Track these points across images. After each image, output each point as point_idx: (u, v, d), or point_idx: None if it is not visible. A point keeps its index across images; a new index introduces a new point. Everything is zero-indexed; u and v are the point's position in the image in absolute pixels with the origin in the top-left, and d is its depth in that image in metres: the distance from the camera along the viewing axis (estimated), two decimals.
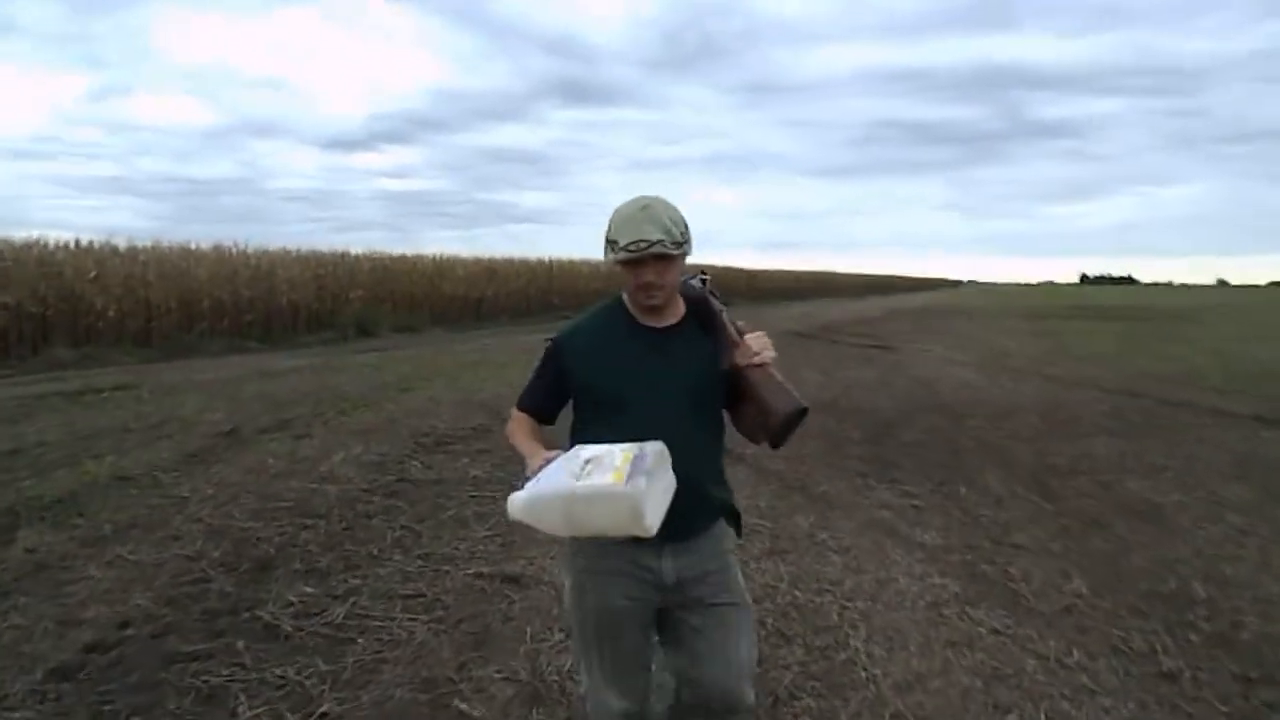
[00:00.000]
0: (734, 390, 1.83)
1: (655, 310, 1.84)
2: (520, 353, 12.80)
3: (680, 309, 1.88)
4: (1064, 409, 8.41)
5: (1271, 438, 7.09)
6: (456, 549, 4.05)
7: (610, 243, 1.75)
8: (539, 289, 24.00)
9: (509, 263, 23.94)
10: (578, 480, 1.50)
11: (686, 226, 1.78)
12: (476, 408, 7.79)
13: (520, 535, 4.22)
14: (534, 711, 2.60)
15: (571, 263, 26.52)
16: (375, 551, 4.00)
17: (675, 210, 1.77)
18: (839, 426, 7.34)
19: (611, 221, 1.76)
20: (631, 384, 1.80)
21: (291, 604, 3.37)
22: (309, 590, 3.52)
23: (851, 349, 14.72)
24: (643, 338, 1.85)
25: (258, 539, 4.15)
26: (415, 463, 5.73)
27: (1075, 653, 3.06)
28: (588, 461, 1.56)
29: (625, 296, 1.89)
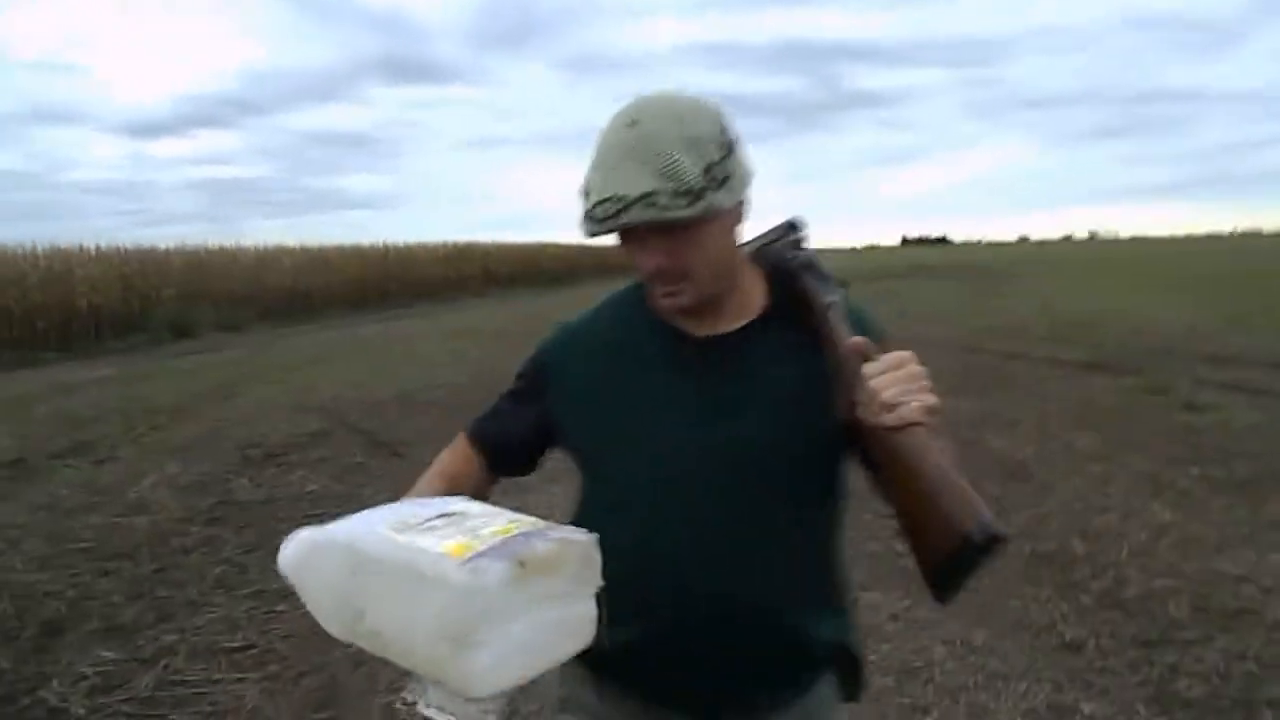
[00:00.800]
0: (864, 452, 0.94)
1: (693, 309, 0.99)
2: (357, 347, 12.00)
3: (753, 298, 1.03)
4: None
5: (1104, 384, 7.45)
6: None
7: (582, 198, 0.94)
8: (375, 277, 22.79)
9: (340, 251, 22.61)
10: (398, 534, 0.79)
11: (725, 149, 0.91)
12: (311, 411, 7.09)
13: None
14: None
15: (409, 248, 25.39)
16: (194, 595, 3.40)
17: (698, 121, 0.91)
18: None
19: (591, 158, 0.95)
20: (650, 442, 0.99)
21: (85, 677, 2.76)
22: (109, 656, 2.91)
23: None
24: (678, 354, 1.02)
25: (44, 594, 3.46)
26: (242, 480, 5.07)
27: (979, 634, 2.91)
28: (448, 516, 0.84)
29: None
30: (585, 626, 0.79)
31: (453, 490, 1.05)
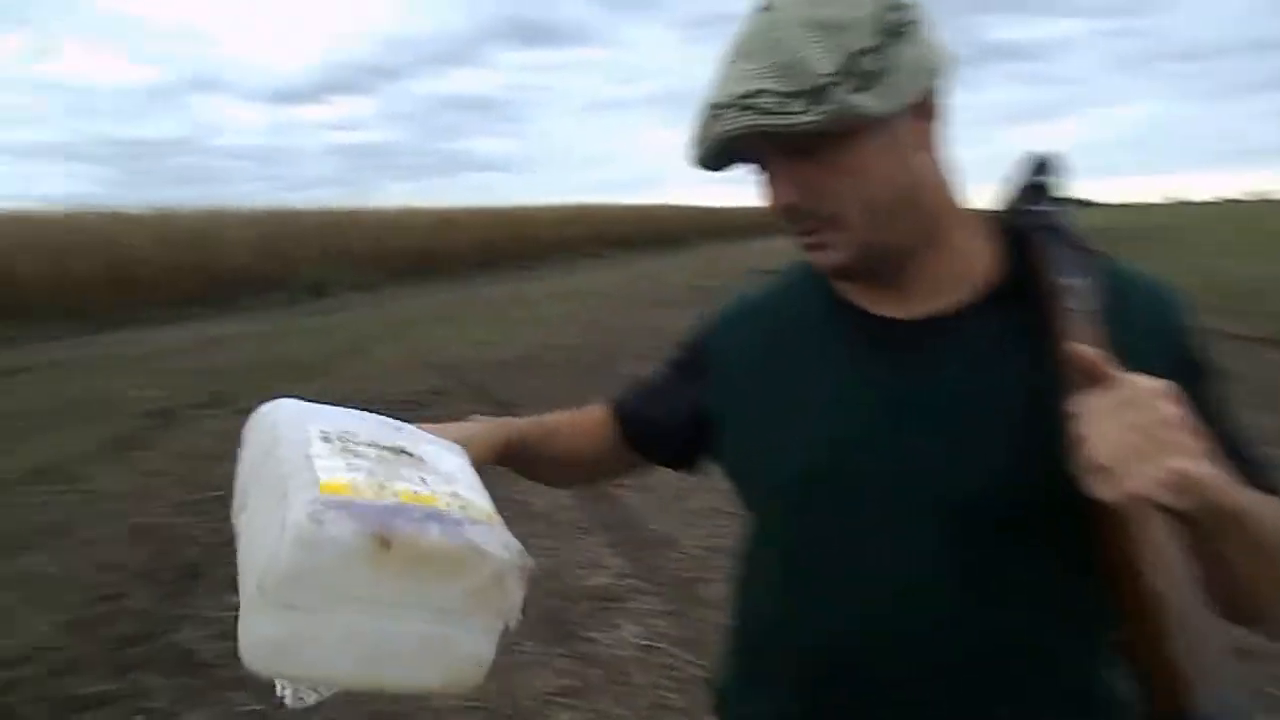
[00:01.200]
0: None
1: (855, 269, 0.71)
2: (478, 307, 12.22)
3: (974, 268, 0.73)
4: None
5: None
6: None
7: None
8: (500, 239, 23.23)
9: (467, 213, 23.15)
10: (323, 441, 0.63)
11: (886, 33, 0.65)
12: (432, 369, 7.24)
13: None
14: None
15: (530, 210, 25.76)
16: None
17: None
18: None
19: None
20: (826, 468, 0.72)
21: (217, 622, 2.86)
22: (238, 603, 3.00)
23: None
24: (857, 343, 0.74)
25: (184, 538, 3.63)
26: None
27: None
28: (402, 453, 0.67)
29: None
30: (463, 665, 0.59)
31: (562, 438, 0.93)
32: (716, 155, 0.70)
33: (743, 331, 0.84)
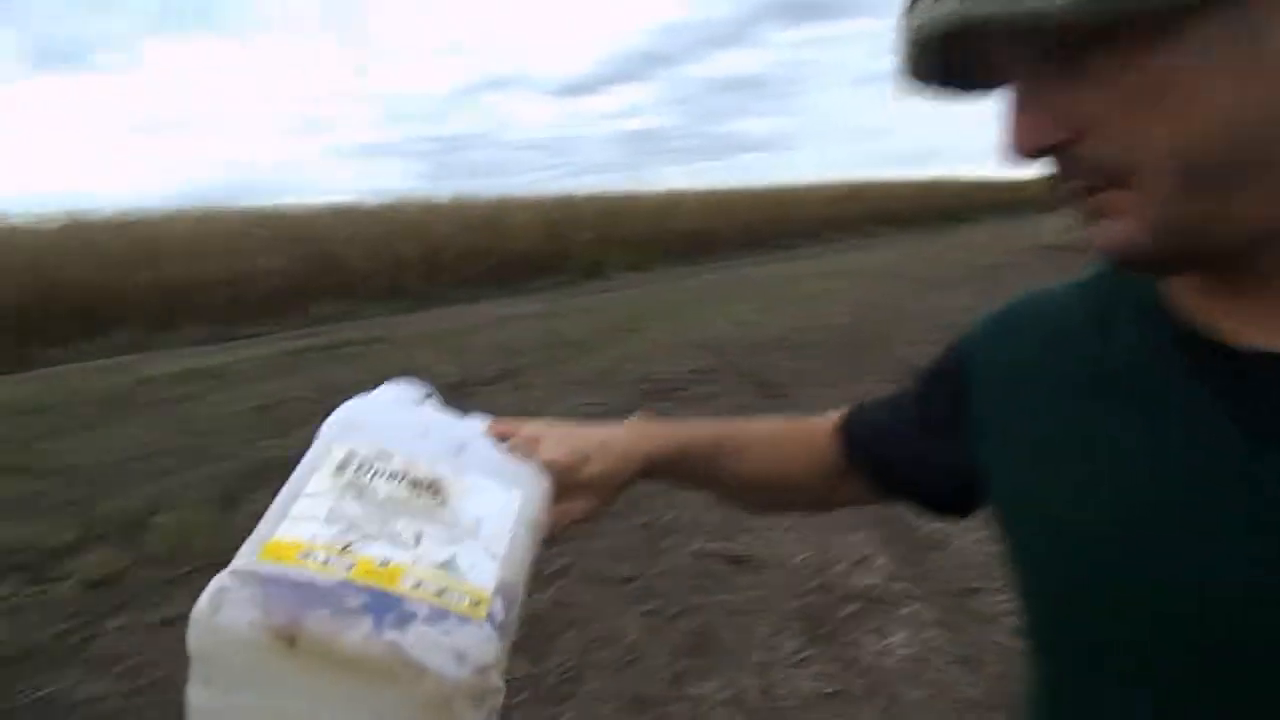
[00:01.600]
0: None
1: (1163, 260, 0.45)
2: (748, 287, 12.20)
3: None
4: None
5: None
6: (676, 519, 3.59)
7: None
8: (770, 220, 23.11)
9: (737, 194, 23.26)
10: (330, 475, 0.57)
11: None
12: (702, 349, 7.32)
13: None
14: None
15: (800, 189, 25.36)
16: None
17: None
18: None
19: None
20: (1145, 542, 0.48)
21: None
22: None
23: None
24: (1200, 385, 0.47)
25: None
26: (637, 414, 5.35)
27: None
28: (430, 490, 0.59)
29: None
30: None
31: (757, 454, 0.77)
32: (931, 64, 0.47)
33: (1020, 354, 0.59)
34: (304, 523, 0.52)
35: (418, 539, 0.54)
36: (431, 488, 0.58)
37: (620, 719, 2.22)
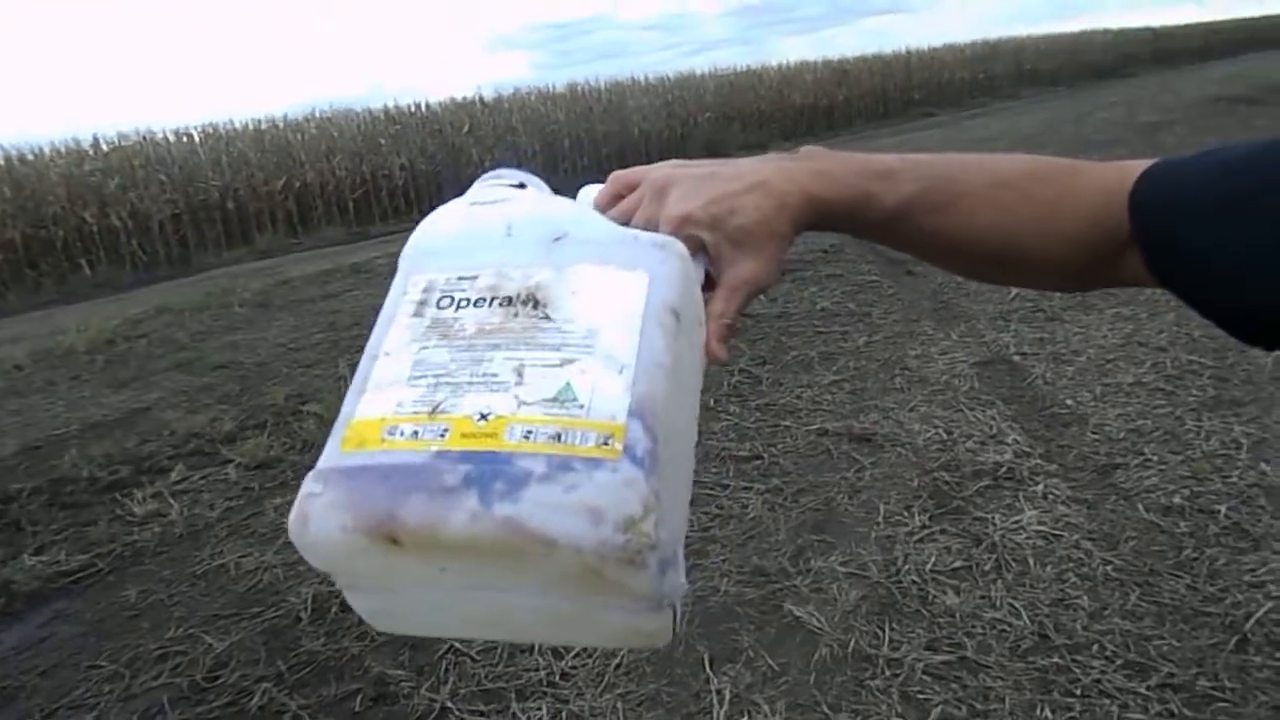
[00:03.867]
0: None
1: None
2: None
3: None
4: None
5: None
6: (799, 398, 3.55)
7: None
8: (896, 87, 21.77)
9: (861, 61, 21.92)
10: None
11: None
12: None
13: (872, 382, 3.62)
14: (885, 625, 2.08)
15: (932, 51, 23.65)
16: (710, 402, 3.65)
17: None
18: None
19: None
20: None
21: None
22: None
23: None
24: None
25: None
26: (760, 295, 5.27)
27: None
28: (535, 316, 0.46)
29: None
30: (623, 634, 0.44)
31: (1007, 202, 0.55)
32: None
33: None
34: (386, 390, 0.45)
35: (519, 374, 0.43)
36: (529, 300, 0.46)
37: (740, 591, 2.27)
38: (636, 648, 0.42)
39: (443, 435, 0.42)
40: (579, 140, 15.49)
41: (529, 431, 0.41)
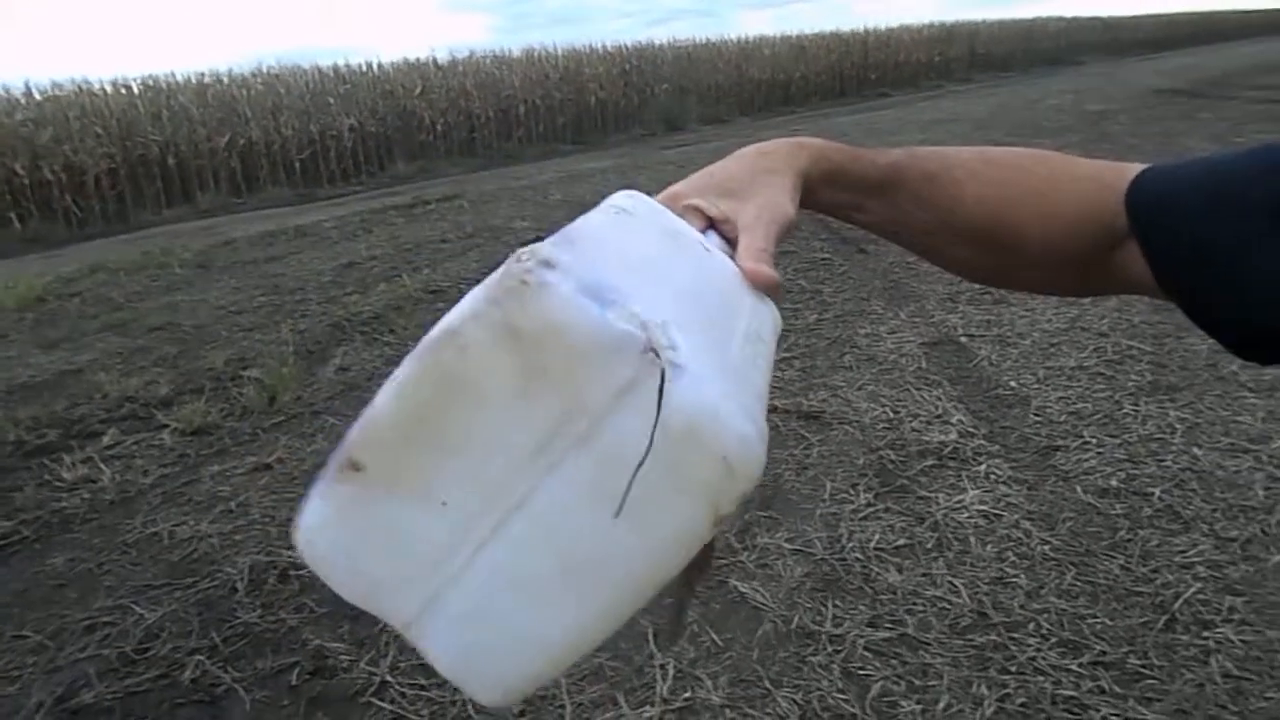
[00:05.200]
0: None
1: None
2: (833, 138, 11.64)
3: None
4: None
5: None
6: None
7: None
8: (853, 65, 21.84)
9: (819, 39, 21.93)
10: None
11: None
12: None
13: (822, 360, 3.64)
14: (828, 602, 2.09)
15: (889, 31, 23.75)
16: None
17: None
18: None
19: None
20: None
21: None
22: None
23: (1255, 108, 11.68)
24: None
25: None
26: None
27: None
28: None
29: None
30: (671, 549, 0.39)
31: (976, 190, 0.54)
32: None
33: None
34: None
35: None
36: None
37: None
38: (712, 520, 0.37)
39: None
40: (534, 107, 15.24)
41: None
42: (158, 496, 2.88)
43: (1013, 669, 1.83)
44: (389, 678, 1.94)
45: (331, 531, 0.41)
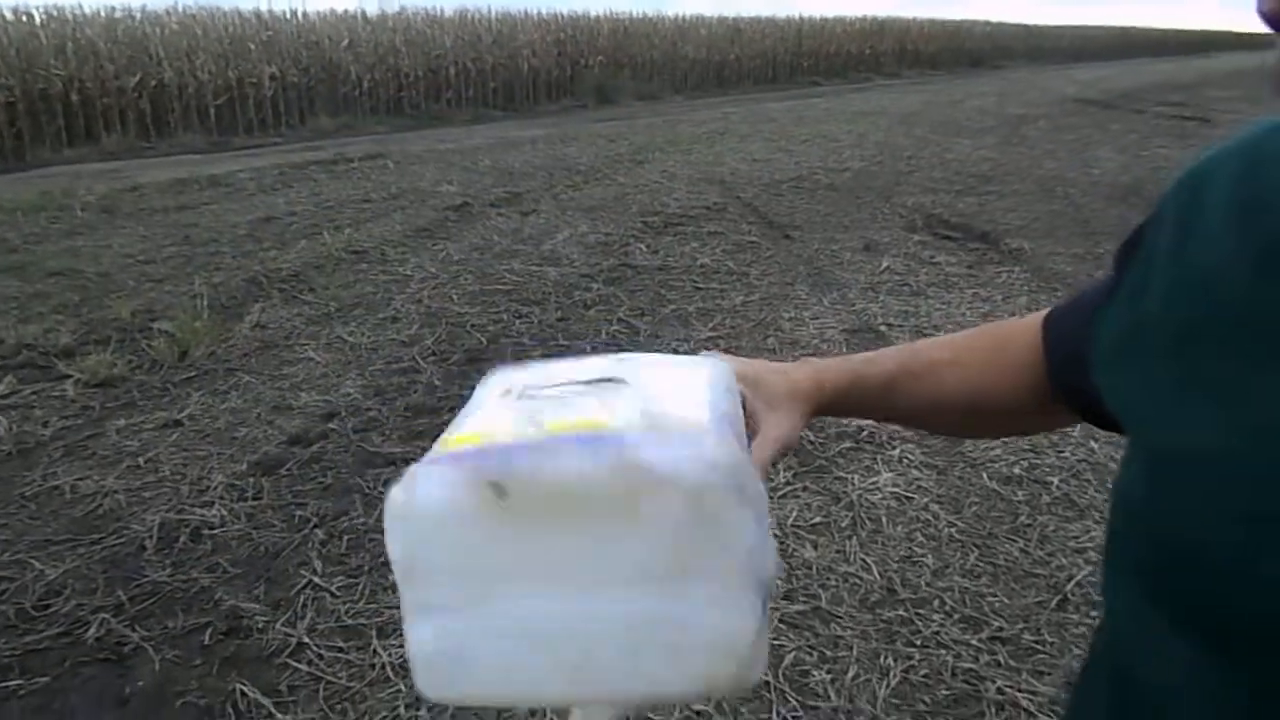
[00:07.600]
0: None
1: None
2: (762, 123, 11.79)
3: None
4: None
5: None
6: (675, 352, 3.59)
7: None
8: (786, 51, 22.06)
9: (755, 22, 22.05)
10: (509, 395, 0.49)
11: None
12: (711, 185, 7.15)
13: (746, 341, 3.70)
14: None
15: (824, 21, 24.05)
16: (587, 349, 3.64)
17: None
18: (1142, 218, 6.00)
19: None
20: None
21: None
22: None
23: (1163, 123, 12.29)
24: None
25: (472, 326, 3.93)
26: (640, 246, 5.28)
27: None
28: (612, 384, 0.49)
29: None
30: (712, 655, 0.41)
31: (952, 375, 0.65)
32: None
33: (1205, 226, 0.43)
34: (483, 421, 0.46)
35: (601, 406, 0.45)
36: (607, 381, 0.49)
37: None
38: (720, 688, 0.41)
39: (540, 431, 0.43)
40: (465, 69, 14.93)
41: (625, 422, 0.43)
42: (58, 449, 2.76)
43: (918, 642, 1.92)
44: (306, 639, 1.92)
45: (437, 503, 0.41)
